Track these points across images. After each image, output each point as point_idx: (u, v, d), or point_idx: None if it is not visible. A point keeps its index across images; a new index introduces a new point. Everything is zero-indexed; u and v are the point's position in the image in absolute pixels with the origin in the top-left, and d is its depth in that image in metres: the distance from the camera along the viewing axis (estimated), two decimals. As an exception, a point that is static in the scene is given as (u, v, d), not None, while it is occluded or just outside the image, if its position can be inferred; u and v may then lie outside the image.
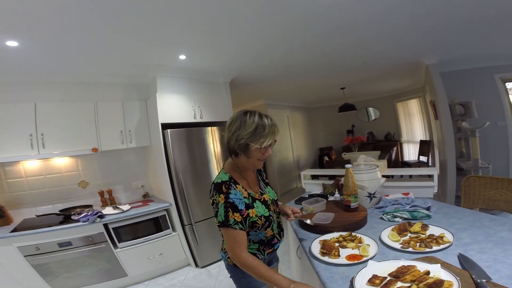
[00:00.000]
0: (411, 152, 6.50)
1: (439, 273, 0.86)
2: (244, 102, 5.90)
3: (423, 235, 1.20)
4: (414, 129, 6.30)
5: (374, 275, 0.92)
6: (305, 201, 1.78)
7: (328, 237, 1.33)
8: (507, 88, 3.87)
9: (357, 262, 1.06)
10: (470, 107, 3.55)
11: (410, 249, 1.10)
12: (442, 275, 0.85)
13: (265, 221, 1.14)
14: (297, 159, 6.90)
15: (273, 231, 1.21)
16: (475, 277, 0.83)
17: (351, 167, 1.64)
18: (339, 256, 1.13)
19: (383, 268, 0.96)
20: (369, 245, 1.17)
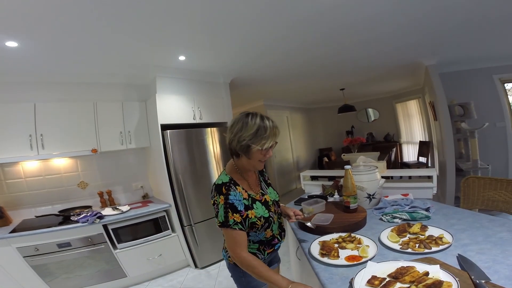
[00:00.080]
0: (410, 153, 6.50)
1: (438, 274, 0.86)
2: (243, 103, 5.87)
3: (422, 236, 1.21)
4: (413, 130, 6.30)
5: (373, 276, 0.92)
6: (305, 202, 1.78)
7: (327, 238, 1.33)
8: (506, 89, 3.88)
9: (356, 263, 1.07)
10: (469, 108, 3.56)
11: (409, 250, 1.10)
12: (441, 276, 0.85)
13: (265, 222, 1.16)
14: (296, 160, 6.91)
15: (272, 231, 1.22)
16: (474, 278, 0.83)
17: (350, 168, 1.65)
18: (339, 257, 1.13)
19: (382, 269, 0.96)
20: (368, 246, 1.18)
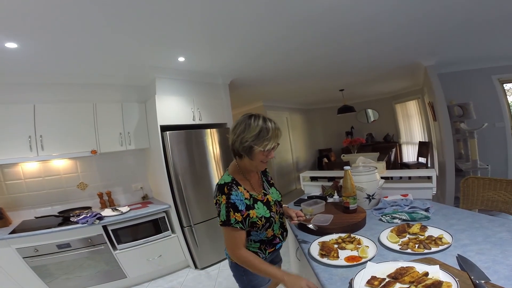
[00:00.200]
0: (410, 153, 6.50)
1: (438, 274, 0.87)
2: (243, 104, 5.86)
3: (422, 236, 1.21)
4: (412, 130, 6.30)
5: (373, 277, 0.92)
6: (304, 203, 1.78)
7: (327, 238, 1.33)
8: (505, 89, 3.89)
9: (356, 263, 1.07)
10: (468, 109, 3.57)
11: (409, 251, 1.10)
12: (440, 276, 0.85)
13: (266, 222, 1.17)
14: (296, 161, 6.90)
15: (274, 231, 1.23)
16: (473, 278, 0.84)
17: (349, 168, 1.65)
18: (338, 257, 1.13)
19: (382, 269, 0.96)
20: (368, 246, 1.18)
